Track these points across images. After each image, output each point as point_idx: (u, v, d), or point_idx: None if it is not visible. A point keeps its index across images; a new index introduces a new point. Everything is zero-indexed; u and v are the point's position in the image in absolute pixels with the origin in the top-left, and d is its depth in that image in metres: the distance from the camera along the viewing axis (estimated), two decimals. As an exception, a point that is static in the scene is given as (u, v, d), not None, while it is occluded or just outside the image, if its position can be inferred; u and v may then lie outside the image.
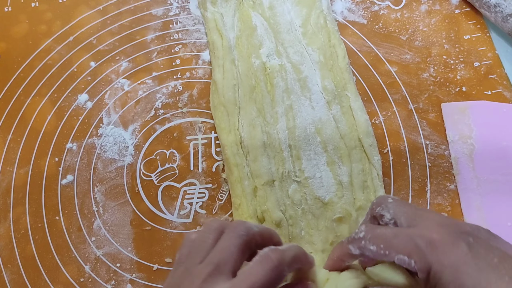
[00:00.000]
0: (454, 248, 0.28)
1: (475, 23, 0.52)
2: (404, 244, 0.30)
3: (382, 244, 0.30)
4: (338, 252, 0.34)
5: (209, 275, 0.29)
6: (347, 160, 0.44)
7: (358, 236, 0.32)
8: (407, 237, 0.30)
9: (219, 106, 0.48)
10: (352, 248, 0.32)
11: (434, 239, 0.29)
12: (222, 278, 0.29)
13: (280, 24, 0.52)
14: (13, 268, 0.44)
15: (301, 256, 0.33)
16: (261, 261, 0.30)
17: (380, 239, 0.31)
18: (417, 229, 0.30)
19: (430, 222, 0.30)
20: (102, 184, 0.47)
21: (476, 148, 0.45)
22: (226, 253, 0.30)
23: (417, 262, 0.29)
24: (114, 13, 0.56)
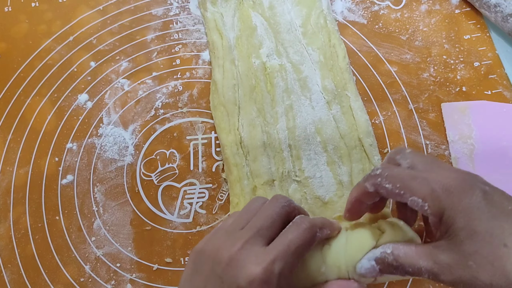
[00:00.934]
0: (469, 194, 0.28)
1: (475, 23, 0.52)
2: (420, 186, 0.30)
3: (398, 183, 0.31)
4: (355, 193, 0.35)
5: (250, 239, 0.31)
6: (347, 160, 0.44)
7: (375, 173, 0.32)
8: (424, 180, 0.30)
9: (219, 106, 0.48)
10: (368, 186, 0.33)
11: (450, 184, 0.29)
12: (261, 241, 0.31)
13: (280, 24, 0.52)
14: (13, 268, 0.44)
15: (327, 223, 0.34)
16: (295, 225, 0.32)
17: (397, 178, 0.31)
18: (434, 174, 0.30)
19: (447, 170, 0.31)
20: (102, 184, 0.47)
21: (476, 148, 0.45)
22: (267, 219, 0.33)
23: (430, 206, 0.29)
24: (114, 13, 0.56)
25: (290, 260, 0.30)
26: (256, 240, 0.31)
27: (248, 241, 0.31)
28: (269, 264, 0.29)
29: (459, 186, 0.29)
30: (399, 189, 0.31)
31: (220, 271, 0.30)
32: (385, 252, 0.32)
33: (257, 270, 0.29)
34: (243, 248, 0.31)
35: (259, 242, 0.31)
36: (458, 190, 0.28)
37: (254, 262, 0.30)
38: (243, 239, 0.31)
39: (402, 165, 0.33)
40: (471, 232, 0.27)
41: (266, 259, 0.30)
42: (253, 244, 0.31)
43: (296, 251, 0.31)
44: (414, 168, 0.32)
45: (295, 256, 0.31)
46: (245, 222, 0.33)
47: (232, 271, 0.30)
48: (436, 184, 0.29)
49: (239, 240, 0.31)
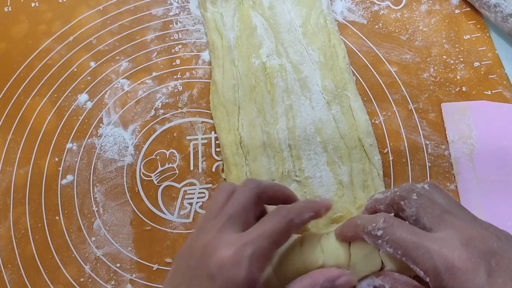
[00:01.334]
0: (472, 276, 0.27)
1: (475, 23, 0.52)
2: (422, 259, 0.29)
3: (400, 250, 0.30)
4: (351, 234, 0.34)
5: (222, 226, 0.31)
6: (347, 160, 0.44)
7: (375, 234, 0.31)
8: (427, 253, 0.29)
9: (219, 106, 0.48)
10: (367, 239, 0.32)
11: (454, 264, 0.28)
12: (234, 228, 0.31)
13: (280, 24, 0.52)
14: (13, 268, 0.44)
15: (311, 206, 0.33)
16: (271, 214, 0.32)
17: (399, 245, 0.30)
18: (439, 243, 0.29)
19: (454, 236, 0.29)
20: (102, 184, 0.47)
21: (476, 148, 0.45)
22: (237, 206, 0.32)
23: (432, 281, 0.29)
24: (114, 13, 0.56)
25: (264, 244, 0.30)
26: (228, 227, 0.31)
27: (221, 229, 0.31)
28: (240, 247, 0.29)
29: (463, 267, 0.28)
30: (400, 256, 0.30)
31: (195, 263, 0.30)
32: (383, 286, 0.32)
33: (227, 253, 0.29)
34: (216, 236, 0.30)
35: (231, 228, 0.31)
36: (461, 271, 0.28)
37: (225, 246, 0.29)
38: (215, 228, 0.31)
39: (406, 212, 0.32)
40: None
41: (237, 243, 0.29)
42: (226, 231, 0.31)
43: (270, 236, 0.30)
44: (419, 222, 0.31)
45: (269, 241, 0.30)
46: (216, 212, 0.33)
47: (204, 259, 0.30)
48: (439, 261, 0.28)
49: (211, 229, 0.31)
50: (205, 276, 0.29)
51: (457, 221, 0.31)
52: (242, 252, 0.29)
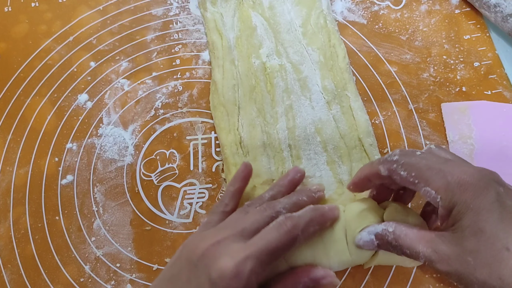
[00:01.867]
0: (482, 194, 0.28)
1: (475, 23, 0.52)
2: (435, 178, 0.30)
3: (414, 172, 0.31)
4: (366, 171, 0.35)
5: (232, 235, 0.32)
6: (347, 159, 0.44)
7: (391, 159, 0.32)
8: (440, 172, 0.30)
9: (219, 106, 0.48)
10: (382, 169, 0.33)
11: (466, 181, 0.29)
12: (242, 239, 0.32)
13: (280, 24, 0.52)
14: (13, 268, 0.44)
15: (318, 219, 0.34)
16: (276, 227, 0.32)
17: (413, 167, 0.31)
18: (452, 166, 0.30)
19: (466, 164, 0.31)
20: (102, 184, 0.47)
21: (476, 148, 0.45)
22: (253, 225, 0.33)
23: (443, 199, 0.29)
24: (114, 13, 0.56)
25: (264, 259, 0.31)
26: (237, 238, 0.32)
27: (229, 237, 0.32)
28: (242, 260, 0.30)
29: (475, 183, 0.29)
30: (413, 178, 0.31)
31: (196, 259, 0.32)
32: (386, 230, 0.32)
33: (229, 264, 0.30)
34: (222, 242, 0.32)
35: (239, 240, 0.32)
36: (472, 187, 0.28)
37: (228, 256, 0.30)
38: (224, 235, 0.32)
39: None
40: (477, 231, 0.28)
41: (240, 255, 0.30)
42: (233, 240, 0.32)
43: (272, 252, 0.31)
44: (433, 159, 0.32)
45: (270, 257, 0.31)
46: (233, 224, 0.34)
47: (206, 261, 0.31)
48: (451, 178, 0.29)
49: (221, 235, 0.32)
50: (206, 278, 0.30)
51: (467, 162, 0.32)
52: (243, 267, 0.30)
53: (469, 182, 0.29)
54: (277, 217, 0.34)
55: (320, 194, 0.38)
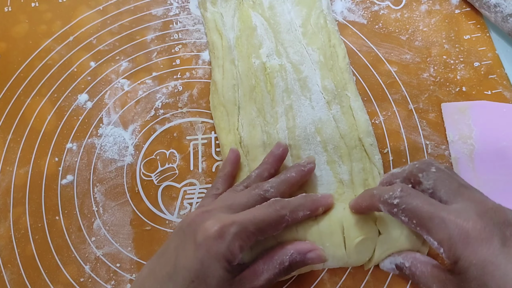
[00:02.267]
0: (486, 245, 0.27)
1: (475, 23, 0.52)
2: (437, 229, 0.29)
3: (415, 220, 0.30)
4: (367, 203, 0.34)
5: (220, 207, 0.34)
6: (347, 159, 0.44)
7: (392, 202, 0.31)
8: (442, 223, 0.29)
9: (219, 106, 0.48)
10: (383, 209, 0.32)
11: (469, 233, 0.28)
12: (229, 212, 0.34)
13: (280, 24, 0.52)
14: (13, 268, 0.44)
15: (308, 204, 0.35)
16: (264, 205, 0.34)
17: (414, 214, 0.30)
18: (454, 213, 0.29)
19: (469, 207, 0.29)
20: (102, 184, 0.47)
21: (476, 148, 0.45)
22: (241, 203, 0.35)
23: (445, 251, 0.29)
24: (114, 13, 0.56)
25: (249, 228, 0.32)
26: (224, 209, 0.34)
27: (217, 208, 0.34)
28: (226, 224, 0.31)
29: (478, 236, 0.28)
30: (415, 225, 0.30)
31: (185, 227, 0.33)
32: (404, 264, 0.33)
33: (213, 227, 0.31)
34: (211, 211, 0.33)
35: (226, 211, 0.33)
36: (475, 239, 0.28)
37: (214, 221, 0.32)
38: (213, 207, 0.34)
39: (424, 185, 0.32)
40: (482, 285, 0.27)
41: (225, 221, 0.32)
42: (220, 211, 0.33)
43: (258, 223, 0.32)
44: (435, 194, 0.31)
45: (255, 227, 0.32)
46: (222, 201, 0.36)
47: (193, 226, 0.32)
48: (454, 230, 0.28)
49: (210, 207, 0.34)
50: (192, 242, 0.31)
51: (473, 194, 0.31)
52: (227, 229, 0.31)
53: (471, 235, 0.28)
54: (265, 196, 0.35)
55: (311, 166, 0.39)
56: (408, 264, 0.33)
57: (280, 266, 0.33)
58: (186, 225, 0.33)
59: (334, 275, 0.40)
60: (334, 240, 0.35)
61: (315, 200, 0.36)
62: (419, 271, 0.32)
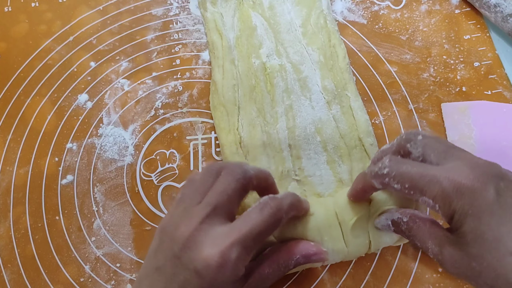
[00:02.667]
0: (481, 195, 0.27)
1: (475, 23, 0.52)
2: (430, 186, 0.28)
3: (407, 183, 0.29)
4: (361, 184, 0.34)
5: (207, 216, 0.30)
6: (347, 159, 0.44)
7: (382, 172, 0.31)
8: (434, 179, 0.28)
9: (219, 106, 0.48)
10: (376, 183, 0.32)
11: (462, 184, 0.27)
12: (219, 219, 0.31)
13: (280, 24, 0.52)
14: (13, 268, 0.44)
15: (296, 204, 0.34)
16: (260, 208, 0.31)
17: (405, 178, 0.30)
18: (445, 170, 0.29)
19: (461, 162, 0.29)
20: (102, 184, 0.47)
21: (476, 148, 0.45)
22: (223, 196, 0.31)
23: (441, 207, 0.28)
24: (114, 13, 0.56)
25: (250, 244, 0.30)
26: (213, 219, 0.31)
27: (205, 220, 0.30)
28: (226, 248, 0.29)
29: (471, 185, 0.27)
30: (408, 189, 0.30)
31: (178, 251, 0.30)
32: (401, 219, 0.32)
33: (213, 253, 0.29)
34: (200, 228, 0.30)
35: (216, 221, 0.31)
36: (469, 190, 0.27)
37: (211, 244, 0.29)
38: (199, 217, 0.31)
39: (413, 154, 0.32)
40: (478, 237, 0.27)
41: (224, 242, 0.29)
42: (211, 223, 0.30)
43: (257, 236, 0.30)
44: (426, 160, 0.31)
45: (255, 242, 0.30)
46: (200, 196, 0.32)
47: (190, 252, 0.30)
48: (447, 183, 0.28)
49: (196, 217, 0.31)
50: (192, 270, 0.29)
51: (464, 154, 0.30)
52: (228, 255, 0.29)
53: (465, 185, 0.27)
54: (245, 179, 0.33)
55: None
56: (406, 219, 0.32)
57: (285, 269, 0.33)
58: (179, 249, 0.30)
59: (334, 275, 0.40)
60: (333, 233, 0.35)
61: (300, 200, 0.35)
62: (417, 226, 0.31)
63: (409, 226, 0.32)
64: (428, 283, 0.40)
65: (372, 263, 0.41)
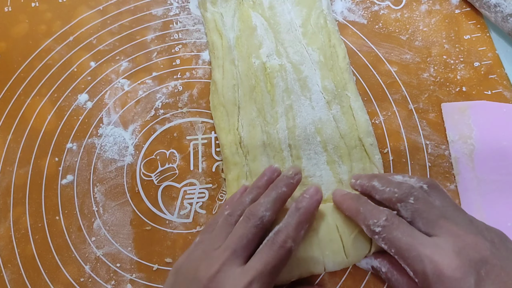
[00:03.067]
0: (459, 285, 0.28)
1: (475, 23, 0.52)
2: (413, 262, 0.30)
3: (393, 249, 0.32)
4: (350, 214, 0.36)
5: (227, 259, 0.32)
6: (347, 159, 0.44)
7: (374, 229, 0.33)
8: (418, 257, 0.30)
9: (219, 106, 0.48)
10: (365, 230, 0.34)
11: (443, 271, 0.28)
12: (238, 262, 0.32)
13: (280, 24, 0.52)
14: (13, 268, 0.44)
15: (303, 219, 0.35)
16: (269, 245, 0.33)
17: (393, 244, 0.31)
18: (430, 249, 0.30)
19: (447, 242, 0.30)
20: (102, 184, 0.47)
21: (476, 148, 0.45)
22: (242, 239, 0.33)
23: (420, 282, 0.30)
24: (114, 13, 0.56)
25: (267, 280, 0.31)
26: (233, 261, 0.32)
27: (225, 263, 0.32)
28: (245, 286, 0.30)
29: (452, 275, 0.28)
30: (393, 254, 0.32)
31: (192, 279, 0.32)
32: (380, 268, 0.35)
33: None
34: (221, 270, 0.32)
35: (236, 263, 0.32)
36: (449, 280, 0.28)
37: (232, 285, 0.31)
38: (220, 261, 0.32)
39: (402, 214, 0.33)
40: None
41: (243, 282, 0.31)
42: (230, 265, 0.32)
43: (272, 270, 0.32)
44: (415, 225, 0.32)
45: (271, 276, 0.32)
46: (221, 240, 0.34)
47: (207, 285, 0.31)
48: (428, 266, 0.29)
49: (216, 261, 0.32)
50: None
51: (452, 227, 0.31)
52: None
53: (446, 275, 0.28)
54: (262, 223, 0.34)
55: (298, 177, 0.39)
56: (384, 270, 0.35)
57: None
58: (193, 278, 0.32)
59: (334, 275, 0.40)
60: (334, 247, 0.37)
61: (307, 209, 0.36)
62: (394, 279, 0.34)
63: (387, 277, 0.34)
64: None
65: (372, 263, 0.41)
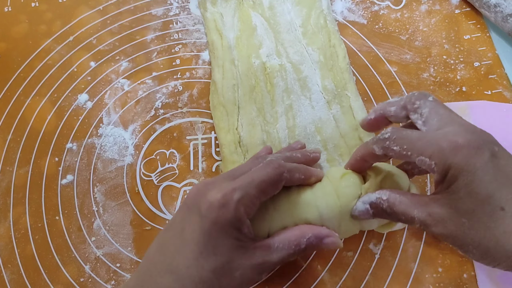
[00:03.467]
0: (476, 154, 0.28)
1: (475, 23, 0.52)
2: (427, 146, 0.30)
3: (406, 145, 0.31)
4: (361, 152, 0.35)
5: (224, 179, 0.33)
6: (348, 157, 0.44)
7: (383, 137, 0.32)
8: (431, 140, 0.30)
9: (219, 106, 0.48)
10: (376, 148, 0.33)
11: (458, 143, 0.28)
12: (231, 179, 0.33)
13: (280, 24, 0.52)
14: (13, 268, 0.44)
15: (302, 169, 0.36)
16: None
17: (405, 140, 0.31)
18: (443, 132, 0.30)
19: (459, 127, 0.30)
20: (102, 184, 0.47)
21: (476, 148, 0.45)
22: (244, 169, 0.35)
23: (437, 163, 0.29)
24: (114, 13, 0.56)
25: (251, 191, 0.32)
26: (226, 179, 0.33)
27: (219, 179, 0.33)
28: (229, 191, 0.31)
29: (467, 145, 0.28)
30: (406, 151, 0.31)
31: (189, 201, 0.33)
32: (380, 198, 0.33)
33: (216, 196, 0.31)
34: (213, 182, 0.33)
35: (227, 180, 0.33)
36: (466, 149, 0.28)
37: (215, 191, 0.32)
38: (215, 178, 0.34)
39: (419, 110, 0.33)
40: (471, 191, 0.28)
41: (227, 187, 0.31)
42: (222, 181, 0.33)
43: (258, 184, 0.32)
44: (427, 123, 0.32)
45: (257, 189, 0.32)
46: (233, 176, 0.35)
47: (197, 198, 0.32)
48: (444, 142, 0.29)
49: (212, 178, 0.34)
50: (196, 214, 0.31)
51: (465, 121, 0.32)
52: (230, 196, 0.31)
53: (462, 145, 0.28)
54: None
55: (316, 155, 0.40)
56: (386, 197, 0.32)
57: (296, 248, 0.33)
58: (189, 199, 0.33)
59: (334, 275, 0.40)
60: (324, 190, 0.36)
61: (308, 169, 0.36)
62: (398, 201, 0.32)
63: (391, 203, 0.32)
64: (428, 283, 0.40)
65: (372, 263, 0.41)
